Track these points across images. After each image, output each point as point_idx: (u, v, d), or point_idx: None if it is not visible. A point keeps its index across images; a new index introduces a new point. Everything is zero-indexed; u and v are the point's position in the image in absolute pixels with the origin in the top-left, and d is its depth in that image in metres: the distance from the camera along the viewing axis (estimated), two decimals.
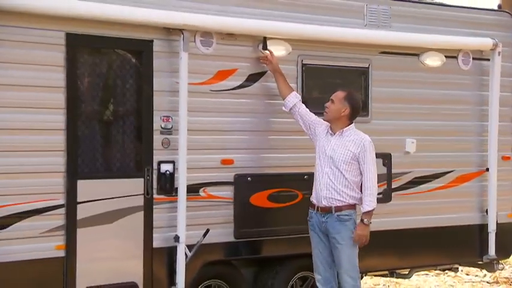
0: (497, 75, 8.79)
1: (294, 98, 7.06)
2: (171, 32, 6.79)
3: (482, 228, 8.78)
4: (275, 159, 7.45)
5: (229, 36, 7.10)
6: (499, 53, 8.74)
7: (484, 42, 8.73)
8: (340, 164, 6.63)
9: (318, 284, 6.82)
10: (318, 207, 6.72)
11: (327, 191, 6.65)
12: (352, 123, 6.82)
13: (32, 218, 6.16)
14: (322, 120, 6.97)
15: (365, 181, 6.66)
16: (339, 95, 6.80)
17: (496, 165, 8.78)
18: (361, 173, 6.70)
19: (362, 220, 6.61)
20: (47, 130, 6.25)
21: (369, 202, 6.62)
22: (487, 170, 8.81)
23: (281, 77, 7.16)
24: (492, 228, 8.74)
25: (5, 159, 6.06)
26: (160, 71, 6.82)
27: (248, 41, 7.24)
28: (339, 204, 6.61)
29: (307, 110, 7.06)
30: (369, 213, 6.64)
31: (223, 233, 7.12)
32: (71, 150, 6.36)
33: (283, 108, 7.11)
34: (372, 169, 6.69)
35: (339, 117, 6.76)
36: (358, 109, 6.93)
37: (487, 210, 8.79)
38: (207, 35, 6.94)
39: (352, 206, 6.67)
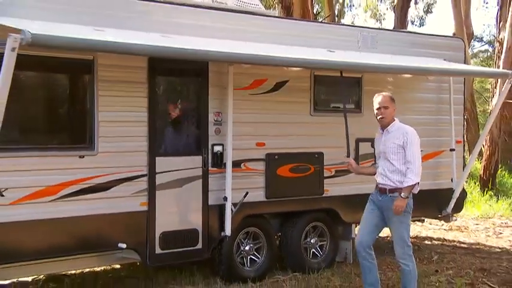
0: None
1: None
2: None
3: (441, 191, 8.68)
4: (294, 142, 7.42)
5: None
6: None
7: (503, 72, 8.76)
8: (389, 154, 5.90)
9: (356, 243, 6.16)
10: (378, 188, 6.02)
11: (381, 179, 5.96)
12: (396, 119, 6.06)
13: (125, 183, 6.23)
14: (376, 136, 6.25)
15: (406, 162, 5.84)
16: (387, 99, 6.01)
17: (456, 147, 8.70)
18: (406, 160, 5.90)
19: (400, 193, 5.83)
20: (135, 122, 6.31)
21: (407, 179, 5.80)
22: (451, 150, 8.68)
23: (365, 171, 6.65)
24: (457, 192, 8.66)
25: (111, 144, 6.14)
26: (214, 81, 6.83)
27: None
28: (391, 188, 5.88)
29: (377, 156, 6.25)
30: (407, 188, 5.81)
31: (257, 194, 7.12)
32: (152, 137, 6.41)
33: None
34: (415, 153, 5.87)
35: (392, 118, 6.03)
36: None
37: (452, 178, 8.67)
38: None
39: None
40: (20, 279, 6.92)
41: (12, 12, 5.54)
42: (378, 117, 6.01)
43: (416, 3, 29.72)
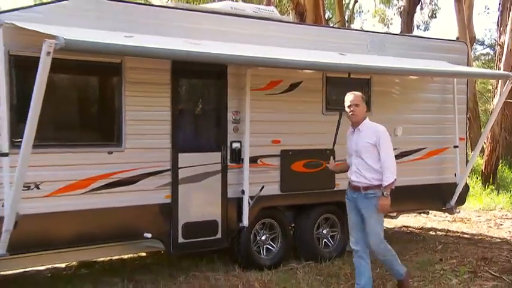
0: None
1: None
2: None
3: (445, 185, 8.61)
4: (308, 139, 7.40)
5: None
6: None
7: (504, 74, 8.67)
8: (362, 153, 5.69)
9: (350, 243, 5.98)
10: (351, 186, 5.87)
11: (355, 177, 5.77)
12: (366, 117, 5.89)
13: (150, 177, 6.27)
14: (347, 134, 6.02)
15: (382, 161, 5.64)
16: (358, 97, 5.79)
17: (459, 144, 8.65)
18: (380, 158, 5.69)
19: (382, 193, 5.64)
20: (159, 121, 6.34)
21: (386, 178, 5.60)
22: (455, 147, 8.62)
23: (338, 168, 6.40)
24: (461, 186, 8.62)
25: (137, 141, 6.19)
26: (232, 82, 6.83)
27: None
28: (365, 185, 5.69)
29: (348, 153, 6.01)
30: (387, 187, 5.62)
31: (273, 188, 7.11)
32: (175, 134, 6.44)
33: None
34: (388, 151, 5.67)
35: (362, 116, 5.84)
36: None
37: (455, 173, 8.61)
38: None
39: (377, 186, 5.66)
40: (55, 265, 7.02)
41: (48, 20, 5.62)
42: (349, 115, 5.81)
43: (421, 8, 29.53)
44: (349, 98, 5.82)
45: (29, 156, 5.12)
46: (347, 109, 5.82)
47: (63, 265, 7.17)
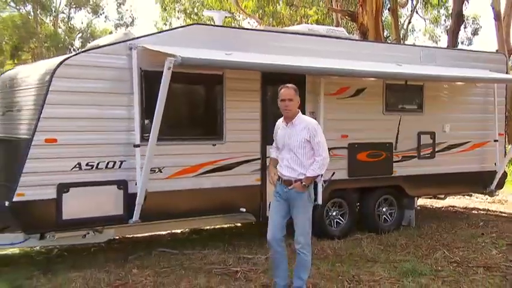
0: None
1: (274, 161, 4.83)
2: None
3: (487, 173, 8.20)
4: (370, 135, 7.21)
5: None
6: None
7: None
8: (296, 149, 4.48)
9: (268, 238, 4.66)
10: (282, 180, 4.59)
11: (287, 171, 4.53)
12: (299, 111, 4.64)
13: (245, 164, 6.33)
14: (275, 129, 4.82)
15: (316, 155, 4.48)
16: (291, 92, 4.51)
17: (498, 138, 8.23)
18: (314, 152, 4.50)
19: (301, 180, 4.45)
20: (251, 120, 6.37)
21: (312, 170, 4.46)
22: (495, 141, 8.19)
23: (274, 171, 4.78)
24: (500, 174, 8.23)
25: (235, 135, 6.25)
26: (309, 89, 6.73)
27: None
28: (296, 179, 4.49)
29: (273, 148, 4.88)
30: (308, 179, 4.46)
31: (342, 174, 7.00)
32: (263, 130, 6.44)
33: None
34: (321, 143, 4.49)
35: (296, 110, 4.58)
36: None
37: (495, 163, 8.21)
38: None
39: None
40: (173, 231, 7.25)
41: (168, 43, 5.79)
42: (283, 109, 4.56)
43: (465, 27, 28.30)
44: (283, 92, 4.55)
45: (154, 147, 5.32)
46: (280, 103, 4.56)
47: (179, 231, 7.38)
